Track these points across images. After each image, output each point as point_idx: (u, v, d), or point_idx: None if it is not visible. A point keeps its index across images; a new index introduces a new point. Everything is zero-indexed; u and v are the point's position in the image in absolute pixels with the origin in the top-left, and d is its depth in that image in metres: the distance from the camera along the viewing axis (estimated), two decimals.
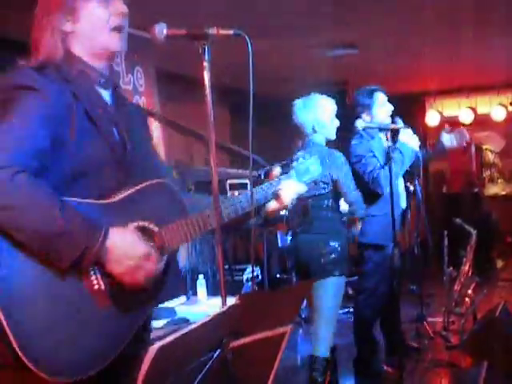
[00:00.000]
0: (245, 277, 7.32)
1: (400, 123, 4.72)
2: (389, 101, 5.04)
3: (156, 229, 2.07)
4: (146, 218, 2.05)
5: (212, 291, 6.45)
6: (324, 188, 4.10)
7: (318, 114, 4.35)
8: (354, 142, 4.89)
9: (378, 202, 4.76)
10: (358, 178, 4.67)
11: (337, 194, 4.33)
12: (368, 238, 4.88)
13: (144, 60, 6.04)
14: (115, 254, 1.90)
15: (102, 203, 1.99)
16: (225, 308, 1.55)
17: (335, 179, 4.18)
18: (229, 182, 7.21)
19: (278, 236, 8.10)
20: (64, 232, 1.82)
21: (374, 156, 4.75)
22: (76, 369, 1.86)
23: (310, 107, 4.37)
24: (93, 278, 1.92)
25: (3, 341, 1.77)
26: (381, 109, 4.94)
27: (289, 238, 7.61)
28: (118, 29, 2.10)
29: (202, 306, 5.85)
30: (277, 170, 2.44)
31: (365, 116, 4.94)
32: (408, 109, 5.31)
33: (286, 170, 2.43)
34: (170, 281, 2.12)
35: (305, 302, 4.54)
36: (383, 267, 4.73)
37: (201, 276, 6.32)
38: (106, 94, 2.13)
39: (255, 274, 7.68)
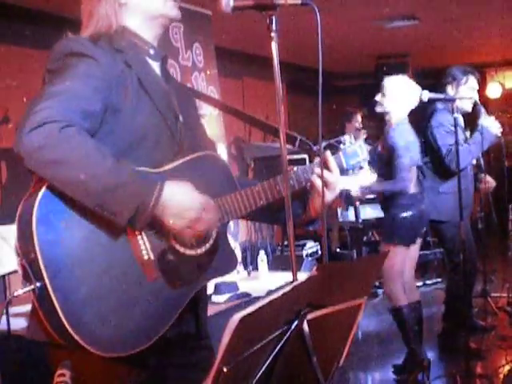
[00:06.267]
0: (304, 252, 7.30)
1: (483, 111, 4.79)
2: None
3: None
4: (196, 189, 1.98)
5: (271, 266, 6.47)
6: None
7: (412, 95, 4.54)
8: (438, 112, 4.95)
9: (452, 180, 4.74)
10: (433, 150, 4.72)
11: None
12: (440, 216, 4.90)
13: (203, 36, 6.04)
14: (174, 206, 1.82)
15: (151, 171, 1.92)
16: (303, 279, 1.53)
17: None
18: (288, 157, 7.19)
19: (338, 211, 8.06)
20: (118, 185, 1.76)
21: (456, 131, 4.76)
22: (123, 344, 1.81)
23: (405, 90, 4.55)
24: (142, 247, 1.86)
25: (48, 315, 1.75)
26: (468, 90, 4.99)
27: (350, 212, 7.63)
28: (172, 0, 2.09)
29: (263, 281, 5.86)
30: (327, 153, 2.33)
31: (450, 88, 5.04)
32: None
33: (333, 152, 2.34)
34: (221, 255, 2.05)
35: None
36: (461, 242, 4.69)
37: (262, 251, 6.34)
38: (155, 66, 2.12)
39: (314, 249, 7.66)
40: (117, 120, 1.90)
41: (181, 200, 1.84)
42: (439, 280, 7.47)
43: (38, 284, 1.73)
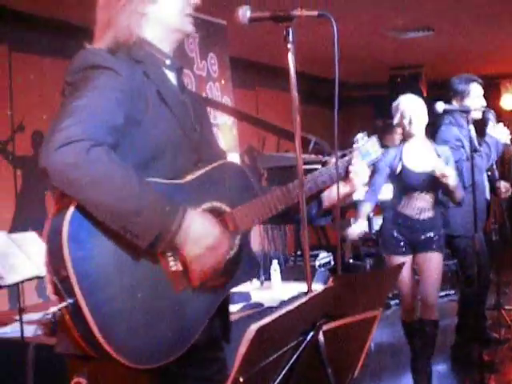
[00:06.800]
0: (317, 262, 7.28)
1: (492, 118, 4.73)
2: None
3: (228, 209, 2.04)
4: (217, 198, 2.03)
5: (284, 276, 6.46)
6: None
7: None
8: (442, 127, 4.90)
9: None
10: None
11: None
12: (452, 230, 4.88)
13: (218, 46, 6.07)
14: (192, 234, 1.84)
15: (175, 183, 1.95)
16: (320, 290, 1.54)
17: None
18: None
19: (352, 222, 8.03)
20: (141, 209, 1.76)
21: (463, 146, 4.73)
22: (156, 355, 1.82)
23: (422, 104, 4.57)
24: (170, 258, 1.88)
25: (83, 331, 1.75)
26: (473, 100, 4.94)
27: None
28: (188, 16, 2.12)
29: (276, 291, 5.84)
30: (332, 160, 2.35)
31: (455, 102, 4.97)
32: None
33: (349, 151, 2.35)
34: (244, 262, 2.08)
35: None
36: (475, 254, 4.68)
37: (275, 261, 6.32)
38: (171, 76, 2.12)
39: (327, 260, 7.64)
40: (137, 131, 1.91)
41: (199, 229, 1.86)
42: (452, 292, 7.43)
43: (70, 300, 1.74)
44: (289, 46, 2.07)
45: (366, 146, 2.35)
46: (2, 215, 5.91)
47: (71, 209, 1.77)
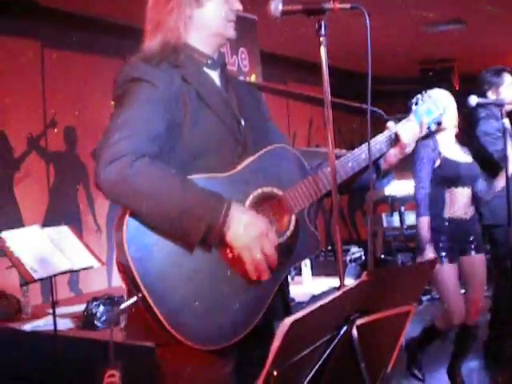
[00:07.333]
0: (348, 257, 7.27)
1: None
2: None
3: (280, 193, 2.10)
4: (267, 183, 2.09)
5: (315, 271, 6.45)
6: None
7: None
8: (481, 121, 4.86)
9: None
10: (484, 157, 4.65)
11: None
12: (495, 220, 4.83)
13: (248, 41, 6.07)
14: (238, 227, 1.92)
15: (224, 175, 2.04)
16: (353, 284, 1.53)
17: None
18: None
19: (383, 217, 8.01)
20: (186, 210, 1.88)
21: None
22: (223, 336, 1.94)
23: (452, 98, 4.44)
24: (226, 246, 1.96)
25: (155, 321, 1.89)
26: (508, 88, 4.90)
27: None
28: (231, 21, 2.20)
29: (306, 286, 5.85)
30: (390, 123, 2.36)
31: (490, 94, 4.95)
32: None
33: (404, 116, 2.35)
34: (302, 240, 2.14)
35: None
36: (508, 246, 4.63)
37: None
38: (214, 75, 2.19)
39: (358, 255, 7.62)
40: (179, 135, 2.02)
41: (245, 221, 1.94)
42: (485, 288, 7.36)
43: (139, 295, 1.91)
44: (321, 39, 2.08)
45: (425, 104, 2.34)
46: (35, 209, 5.98)
47: (127, 216, 1.92)
